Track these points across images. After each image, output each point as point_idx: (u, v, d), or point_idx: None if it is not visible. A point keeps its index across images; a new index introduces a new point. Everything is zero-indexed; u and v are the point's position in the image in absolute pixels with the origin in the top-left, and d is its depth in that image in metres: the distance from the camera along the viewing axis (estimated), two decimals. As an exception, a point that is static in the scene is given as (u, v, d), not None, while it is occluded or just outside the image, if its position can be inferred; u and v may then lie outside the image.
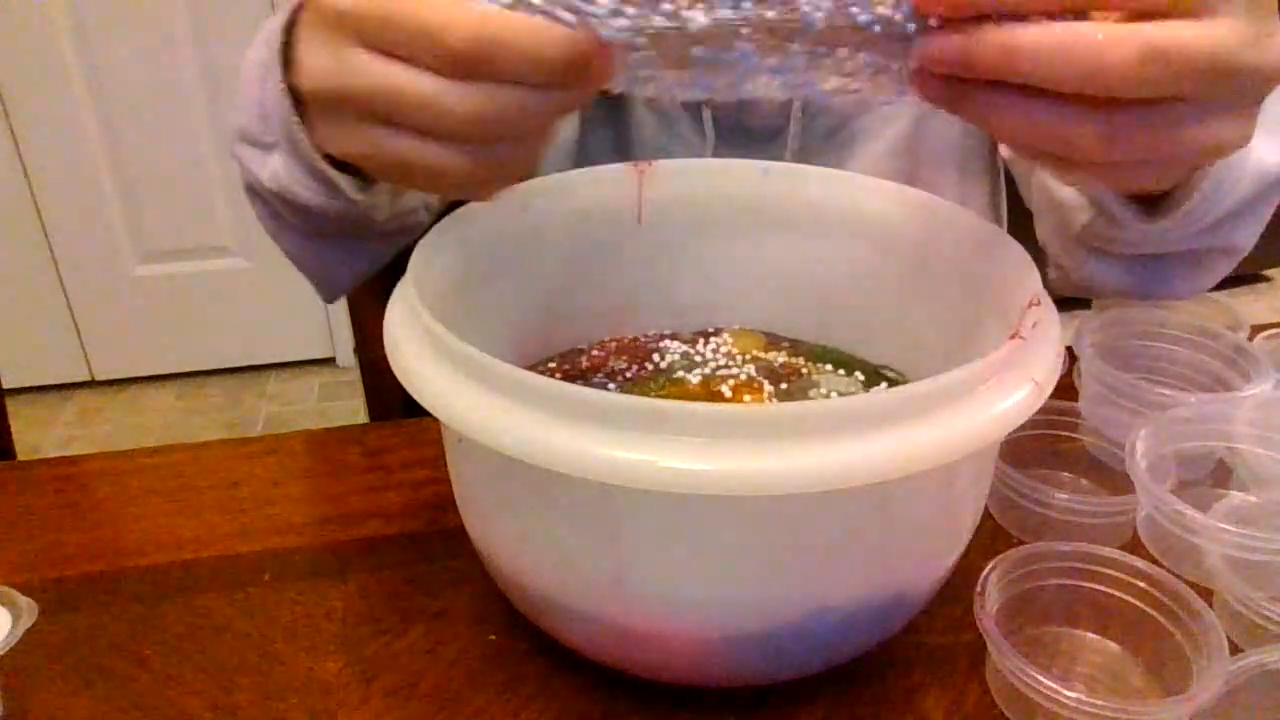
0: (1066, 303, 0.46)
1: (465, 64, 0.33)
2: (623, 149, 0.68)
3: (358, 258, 0.59)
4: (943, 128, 0.68)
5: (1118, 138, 0.33)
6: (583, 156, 0.68)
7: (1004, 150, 0.68)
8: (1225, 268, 0.59)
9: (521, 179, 0.39)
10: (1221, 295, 0.63)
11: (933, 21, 0.33)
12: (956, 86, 0.34)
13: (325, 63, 0.36)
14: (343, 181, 0.47)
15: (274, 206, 0.53)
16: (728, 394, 0.49)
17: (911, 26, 0.33)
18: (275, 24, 0.47)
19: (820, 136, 0.67)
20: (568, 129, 0.67)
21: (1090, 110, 0.32)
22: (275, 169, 0.49)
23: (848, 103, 0.35)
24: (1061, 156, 0.35)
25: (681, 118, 0.67)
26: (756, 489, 0.32)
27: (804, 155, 0.66)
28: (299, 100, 0.44)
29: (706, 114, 0.66)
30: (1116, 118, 0.32)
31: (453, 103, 0.33)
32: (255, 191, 0.54)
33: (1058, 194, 0.58)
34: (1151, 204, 0.51)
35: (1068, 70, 0.31)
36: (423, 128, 0.35)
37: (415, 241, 0.44)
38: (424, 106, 0.34)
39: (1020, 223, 0.78)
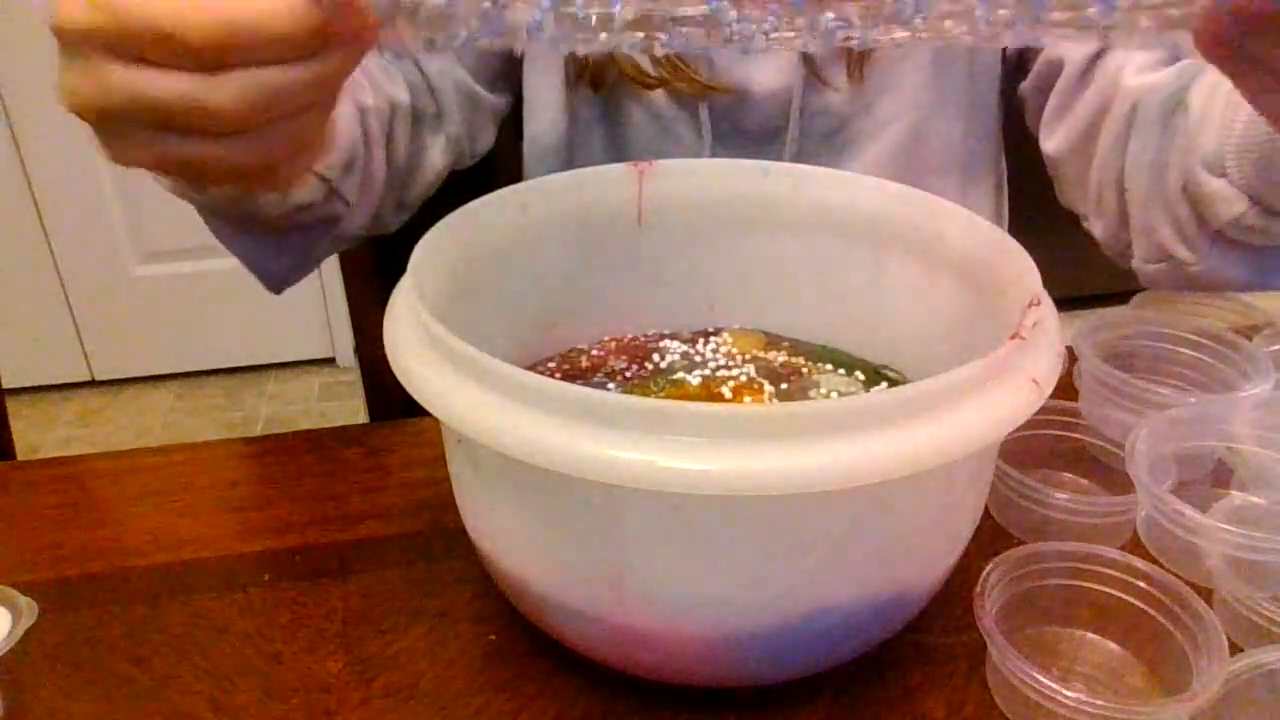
0: (1066, 303, 0.46)
1: (210, 58, 0.32)
2: (617, 151, 0.68)
3: (285, 249, 0.58)
4: (944, 131, 0.67)
5: None
6: (575, 159, 0.68)
7: (1051, 150, 0.65)
8: None
9: (308, 149, 0.39)
10: (1222, 295, 0.63)
11: None
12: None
13: (83, 83, 0.34)
14: (163, 183, 0.46)
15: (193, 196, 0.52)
16: (728, 396, 0.49)
17: None
18: None
19: (818, 139, 0.66)
20: (559, 130, 0.67)
21: None
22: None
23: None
24: None
25: (678, 119, 0.66)
26: (756, 489, 0.32)
27: (802, 158, 0.66)
28: None
29: (704, 115, 0.65)
30: None
31: (213, 98, 0.33)
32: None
33: (1208, 186, 0.54)
34: None
35: None
36: (194, 127, 0.34)
37: (402, 230, 0.44)
38: (186, 108, 0.33)
39: (1021, 224, 0.78)
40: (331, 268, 2.01)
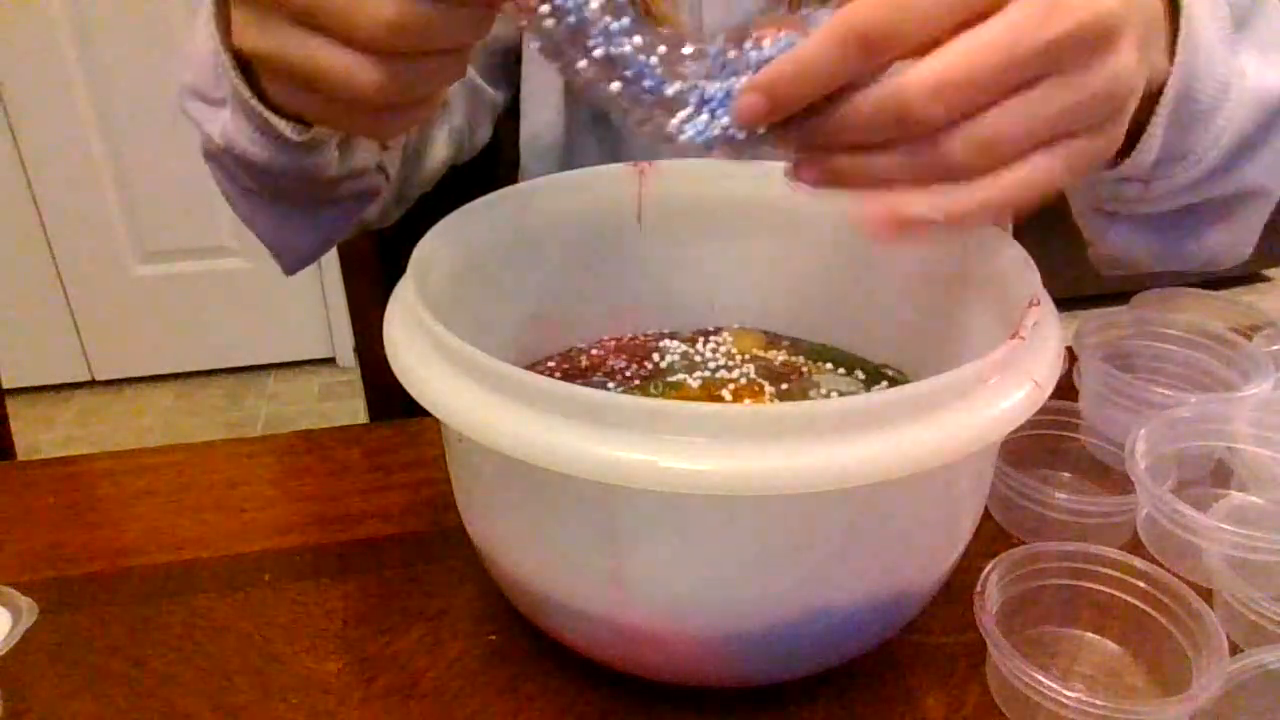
0: (1066, 303, 0.46)
1: (380, 47, 0.34)
2: (615, 150, 0.68)
3: (315, 225, 0.58)
4: None
5: (995, 145, 0.33)
6: (574, 158, 0.68)
7: None
8: (1259, 216, 0.54)
9: (427, 112, 0.40)
10: (1222, 295, 0.63)
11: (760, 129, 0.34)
12: (826, 165, 0.35)
13: (257, 31, 0.36)
14: (279, 123, 0.46)
15: (228, 167, 0.53)
16: (728, 399, 0.49)
17: (741, 135, 0.34)
18: None
19: None
20: (557, 129, 0.67)
21: (958, 130, 0.32)
22: (224, 124, 0.49)
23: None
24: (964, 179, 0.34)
25: None
26: (756, 489, 0.32)
27: None
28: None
29: None
30: (980, 130, 0.32)
31: (371, 5, 0.34)
32: (210, 154, 0.53)
33: None
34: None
35: (892, 130, 0.32)
36: (340, 30, 0.35)
37: (402, 230, 0.44)
38: (346, 6, 0.34)
39: (1021, 224, 0.78)
40: (332, 268, 2.01)
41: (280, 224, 0.57)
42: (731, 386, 0.50)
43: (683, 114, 0.35)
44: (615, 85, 0.34)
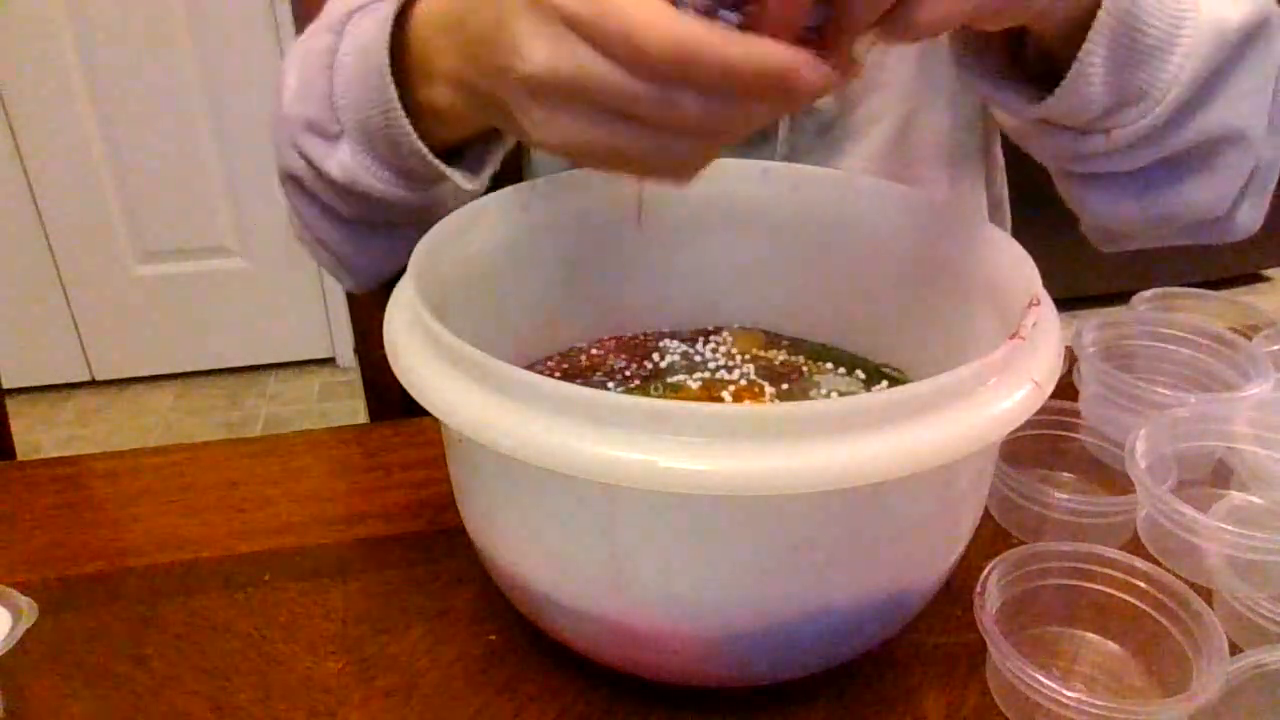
0: (1066, 303, 0.46)
1: (674, 74, 0.34)
2: None
3: (401, 248, 0.59)
4: (932, 123, 0.67)
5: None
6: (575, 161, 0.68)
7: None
8: (1239, 163, 0.52)
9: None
10: (1222, 295, 0.63)
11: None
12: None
13: (558, 53, 0.36)
14: (456, 175, 0.48)
15: (324, 198, 0.53)
16: (729, 401, 0.49)
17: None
18: (339, 10, 0.48)
19: (810, 136, 0.67)
20: None
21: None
22: (343, 159, 0.50)
23: None
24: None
25: None
26: (756, 489, 0.32)
27: (794, 157, 0.66)
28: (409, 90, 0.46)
29: None
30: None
31: (686, 103, 0.34)
32: (297, 180, 0.54)
33: (1006, 126, 0.53)
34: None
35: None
36: (654, 121, 0.35)
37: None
38: (661, 103, 0.35)
39: (1021, 224, 0.78)
40: (331, 268, 2.01)
41: (368, 247, 0.58)
42: (732, 388, 0.50)
43: None
44: None
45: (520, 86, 0.38)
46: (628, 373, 0.52)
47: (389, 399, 0.86)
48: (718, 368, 0.52)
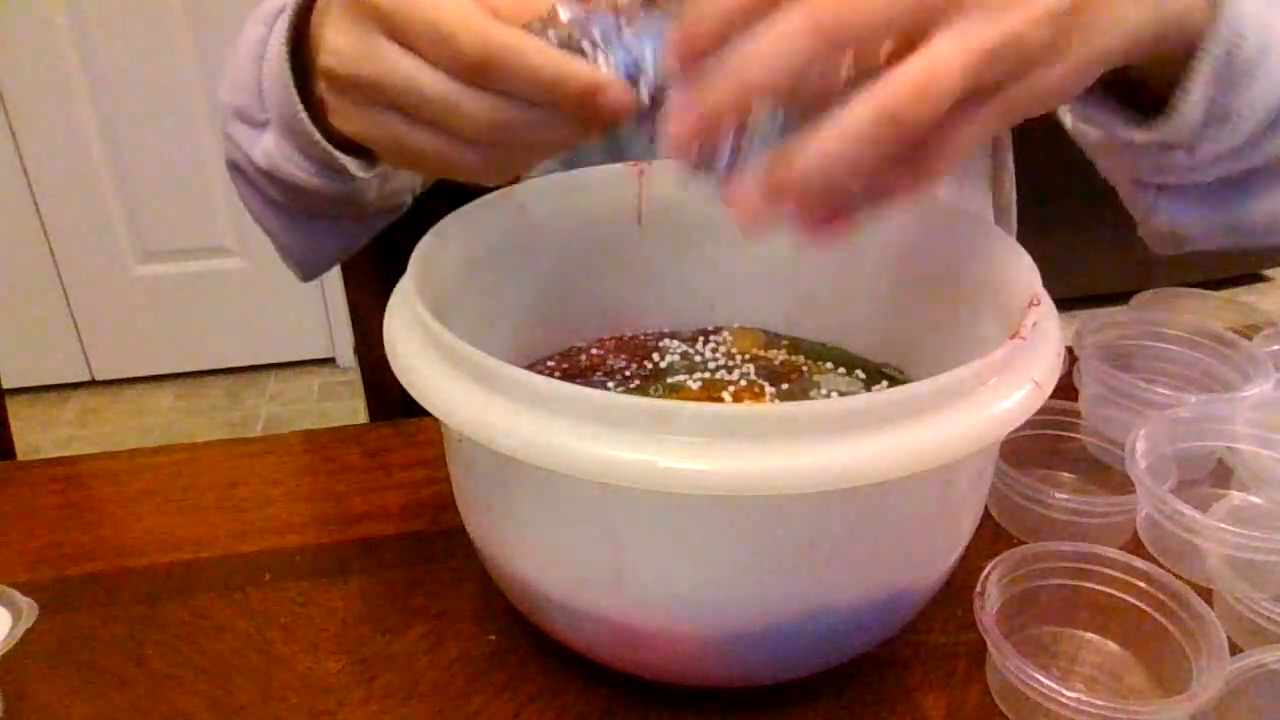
0: (1066, 303, 0.46)
1: (475, 73, 0.35)
2: (615, 150, 0.68)
3: (339, 237, 0.59)
4: None
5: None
6: (574, 157, 0.68)
7: (1069, 124, 0.60)
8: None
9: (527, 169, 0.43)
10: (1222, 295, 0.63)
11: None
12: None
13: (356, 48, 0.37)
14: (349, 163, 0.48)
15: (260, 185, 0.53)
16: (729, 401, 0.49)
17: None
18: (276, 3, 0.48)
19: None
20: None
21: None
22: (267, 147, 0.50)
23: None
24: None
25: None
26: (756, 489, 0.32)
27: None
28: (303, 78, 0.46)
29: None
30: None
31: (469, 108, 0.35)
32: (240, 169, 0.54)
33: (1086, 139, 0.53)
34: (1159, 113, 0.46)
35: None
36: (440, 124, 0.37)
37: (402, 230, 0.44)
38: (445, 107, 0.36)
39: (1021, 224, 0.78)
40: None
41: (306, 236, 0.58)
42: (732, 388, 0.50)
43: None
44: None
45: (321, 78, 0.40)
46: (628, 373, 0.52)
47: (389, 399, 0.86)
48: (718, 368, 0.52)
